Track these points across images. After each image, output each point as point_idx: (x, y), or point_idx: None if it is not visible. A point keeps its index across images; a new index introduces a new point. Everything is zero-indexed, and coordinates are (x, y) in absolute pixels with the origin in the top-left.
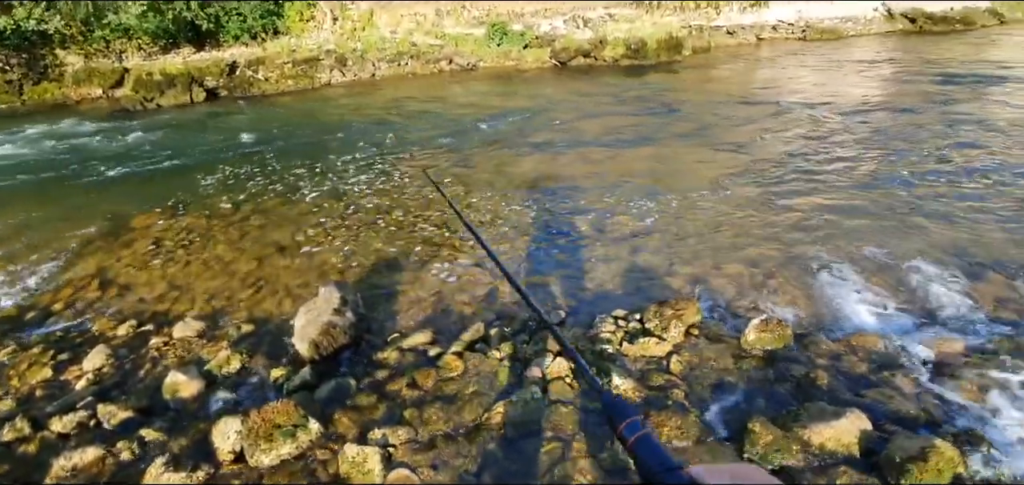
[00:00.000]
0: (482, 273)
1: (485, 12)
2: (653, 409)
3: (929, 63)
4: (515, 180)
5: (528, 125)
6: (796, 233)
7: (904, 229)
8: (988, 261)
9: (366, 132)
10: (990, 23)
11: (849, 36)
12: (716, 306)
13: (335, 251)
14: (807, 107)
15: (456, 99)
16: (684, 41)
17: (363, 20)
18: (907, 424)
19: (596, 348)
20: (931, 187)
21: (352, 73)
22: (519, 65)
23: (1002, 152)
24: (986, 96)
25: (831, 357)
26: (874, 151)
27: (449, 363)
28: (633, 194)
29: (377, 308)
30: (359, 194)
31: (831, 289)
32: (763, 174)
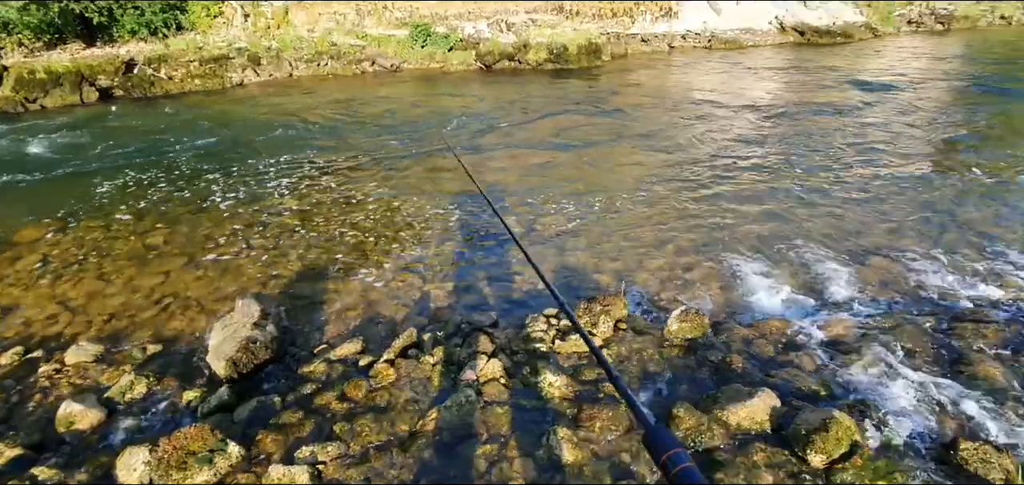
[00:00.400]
0: (414, 277)
1: (407, 13)
2: (586, 402)
3: (816, 70)
4: (444, 183)
5: (456, 128)
6: (710, 228)
7: (801, 221)
8: (870, 247)
9: (285, 135)
10: (866, 36)
11: (748, 46)
12: (641, 300)
13: (253, 261)
14: (716, 110)
15: (381, 101)
16: (603, 47)
17: (278, 18)
18: (810, 399)
19: (529, 347)
20: (821, 182)
21: (267, 73)
22: (444, 67)
23: (878, 149)
24: (863, 99)
25: (744, 341)
26: (774, 150)
27: (381, 372)
28: (561, 195)
29: (302, 319)
30: (278, 200)
31: (741, 279)
32: (680, 173)
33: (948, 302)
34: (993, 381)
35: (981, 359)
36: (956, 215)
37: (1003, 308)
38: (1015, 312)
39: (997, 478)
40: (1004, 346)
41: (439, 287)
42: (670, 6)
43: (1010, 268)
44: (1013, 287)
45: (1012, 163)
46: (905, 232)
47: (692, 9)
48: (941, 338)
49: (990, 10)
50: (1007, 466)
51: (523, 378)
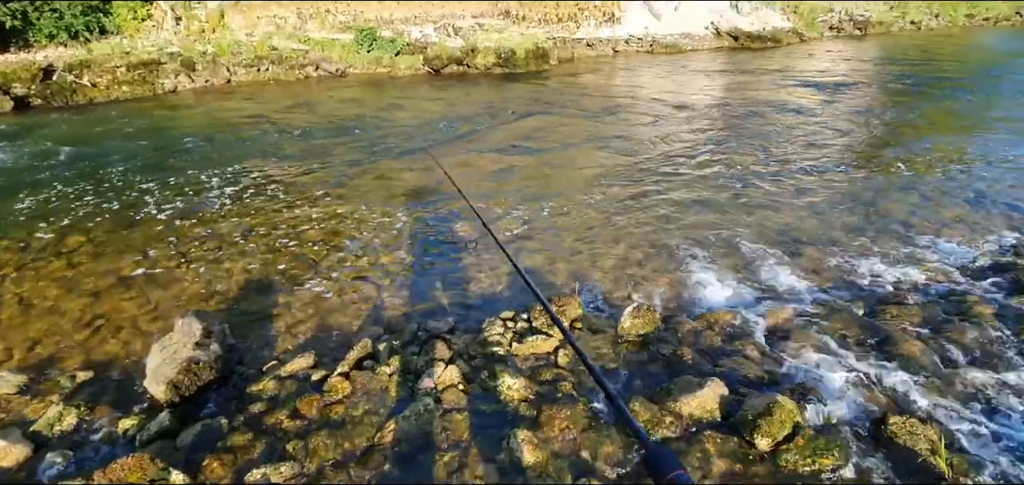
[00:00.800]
0: (367, 285)
1: (351, 17)
2: (545, 403)
3: (751, 73)
4: (395, 189)
5: (404, 133)
6: (659, 226)
7: (741, 216)
8: (804, 239)
9: (224, 143)
10: (793, 40)
11: (687, 50)
12: (595, 299)
13: (193, 277)
14: (660, 112)
15: (326, 107)
16: (550, 52)
17: (213, 21)
18: (756, 385)
19: (487, 351)
20: (759, 179)
21: (203, 79)
22: (392, 72)
23: (809, 146)
24: (794, 99)
25: (693, 334)
26: (715, 150)
27: (335, 386)
28: (513, 198)
29: (249, 336)
30: (219, 211)
31: (690, 274)
32: (629, 174)
33: (874, 287)
34: (915, 358)
35: (904, 338)
36: (878, 206)
37: (921, 290)
38: (931, 293)
39: (923, 448)
40: (923, 325)
41: (394, 295)
42: (613, 12)
43: (926, 253)
44: (929, 270)
45: (925, 156)
46: (834, 223)
47: (634, 15)
48: (869, 321)
49: (901, 16)
50: (931, 437)
51: (482, 383)
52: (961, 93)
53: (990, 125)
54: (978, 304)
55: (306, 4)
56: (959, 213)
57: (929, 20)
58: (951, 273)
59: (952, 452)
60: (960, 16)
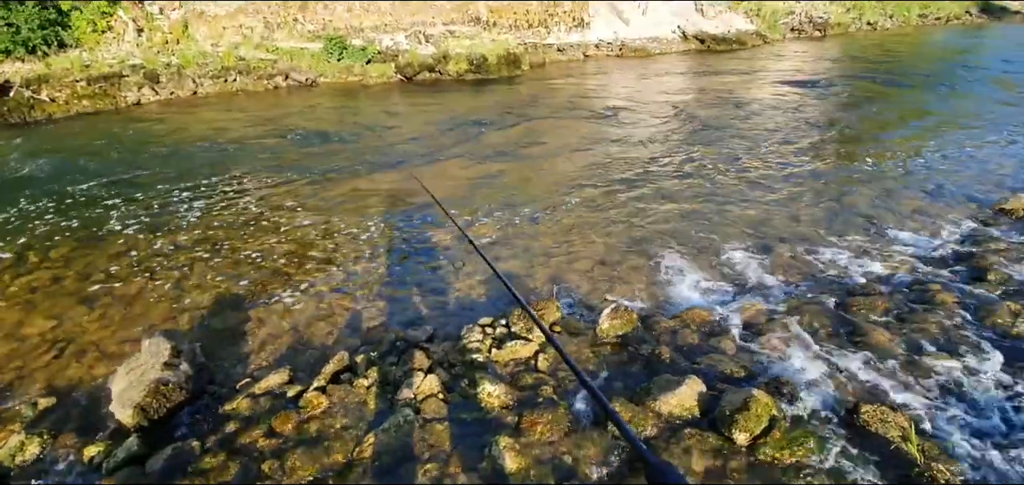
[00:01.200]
0: (343, 297)
1: (320, 26)
2: (526, 408)
3: (718, 74)
4: (369, 199)
5: (377, 142)
6: (634, 227)
7: (714, 215)
8: (775, 235)
9: (191, 156)
10: (757, 42)
11: (656, 54)
12: (573, 302)
13: (161, 296)
14: (631, 115)
15: (296, 117)
16: (522, 57)
17: (176, 32)
18: (732, 381)
19: (466, 359)
20: (730, 177)
21: (168, 91)
22: (363, 80)
23: (776, 143)
24: (761, 99)
25: (671, 333)
26: (686, 150)
27: (311, 401)
28: (490, 204)
29: (221, 354)
30: (187, 227)
31: (665, 273)
32: (603, 176)
33: (843, 279)
34: (884, 347)
35: (873, 329)
36: (844, 200)
37: (887, 281)
38: (896, 283)
39: (895, 435)
40: (890, 315)
41: (371, 305)
42: (582, 17)
43: (891, 245)
44: (894, 261)
45: (886, 151)
46: (803, 218)
47: (603, 20)
48: (839, 313)
49: (858, 17)
50: (902, 423)
51: (462, 391)
52: (917, 89)
53: (944, 118)
54: (941, 292)
55: (273, 14)
56: (920, 204)
57: (884, 21)
58: (914, 263)
59: (923, 437)
60: (913, 16)
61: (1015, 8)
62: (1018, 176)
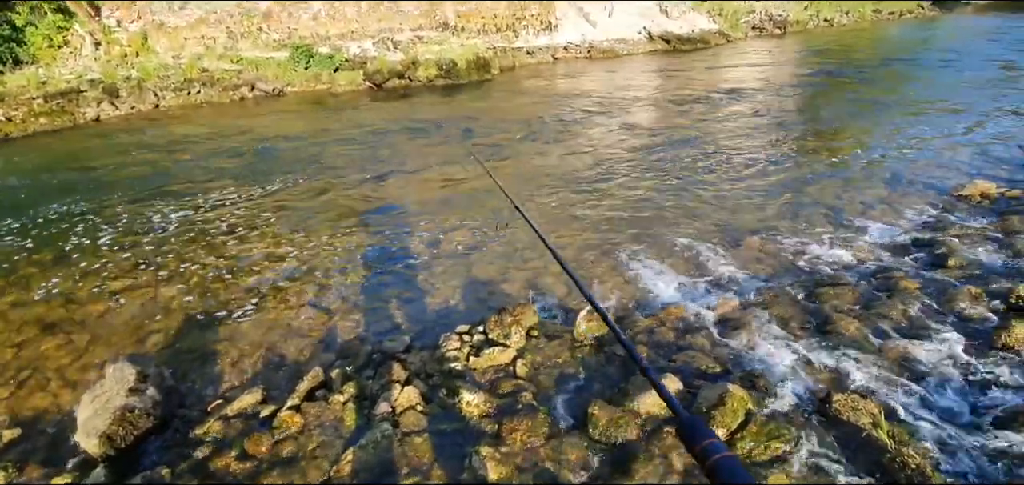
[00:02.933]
0: (316, 311)
1: (285, 35)
2: (506, 416)
3: (684, 73)
4: (341, 210)
5: (348, 151)
6: (608, 227)
7: (685, 212)
8: (744, 229)
9: (154, 172)
10: (721, 41)
11: (623, 55)
12: (550, 305)
13: (127, 318)
14: (602, 116)
15: (263, 128)
16: (492, 61)
17: (135, 45)
18: (708, 377)
19: (444, 368)
20: (699, 174)
21: (128, 105)
22: (332, 89)
23: (742, 140)
24: (726, 96)
25: (647, 331)
26: (656, 149)
27: (285, 420)
28: (463, 209)
29: (190, 376)
30: (152, 246)
31: (641, 273)
32: (576, 178)
33: (811, 270)
34: (852, 336)
35: (841, 318)
36: (809, 193)
37: (853, 270)
38: (862, 272)
39: (866, 422)
40: (857, 303)
41: (346, 318)
42: (550, 20)
43: (855, 234)
44: (859, 251)
45: (848, 143)
46: (770, 213)
47: (570, 22)
48: (809, 303)
49: (816, 14)
50: (872, 410)
51: (441, 401)
52: (874, 82)
53: (902, 109)
54: (904, 279)
55: (237, 23)
56: (882, 194)
57: (841, 17)
58: (879, 252)
59: (892, 423)
60: (868, 12)
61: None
62: (973, 163)
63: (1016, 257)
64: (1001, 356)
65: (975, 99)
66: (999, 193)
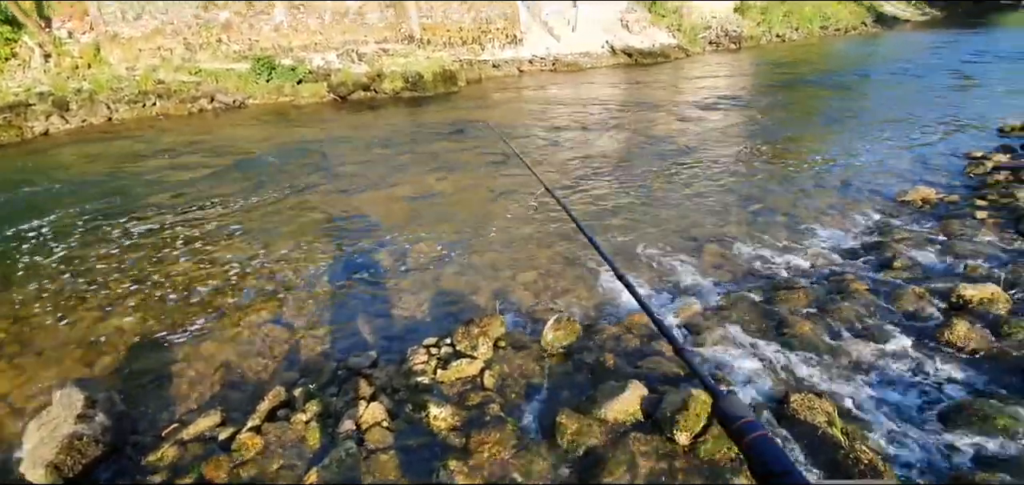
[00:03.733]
0: (278, 328)
1: (246, 46)
2: (474, 428)
3: (646, 86)
4: (304, 224)
5: (313, 163)
6: (574, 237)
7: (648, 221)
8: (705, 237)
9: (104, 187)
10: (680, 55)
11: (587, 68)
12: (518, 315)
13: (75, 341)
14: (567, 128)
15: (223, 141)
16: (458, 74)
17: (87, 56)
18: (673, 382)
19: (411, 382)
20: (661, 184)
21: (79, 119)
22: (295, 101)
23: (703, 150)
24: (685, 108)
25: (613, 339)
26: (620, 160)
27: (244, 443)
28: (431, 222)
29: (144, 399)
30: (103, 264)
31: (606, 282)
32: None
33: (768, 275)
34: (808, 337)
35: (797, 320)
36: (765, 201)
37: (807, 274)
38: (816, 276)
39: (821, 421)
40: (812, 306)
41: (309, 335)
42: (515, 33)
43: (809, 239)
44: (813, 255)
45: (800, 152)
46: (730, 220)
47: (535, 36)
48: (767, 307)
49: (768, 29)
50: (827, 409)
51: (407, 416)
52: (824, 94)
53: (848, 120)
54: (854, 281)
55: (195, 34)
56: (832, 201)
57: (791, 33)
58: (830, 256)
59: (846, 420)
60: (816, 28)
61: (905, 17)
62: (914, 169)
63: (956, 258)
64: (945, 353)
65: (915, 109)
66: (939, 198)
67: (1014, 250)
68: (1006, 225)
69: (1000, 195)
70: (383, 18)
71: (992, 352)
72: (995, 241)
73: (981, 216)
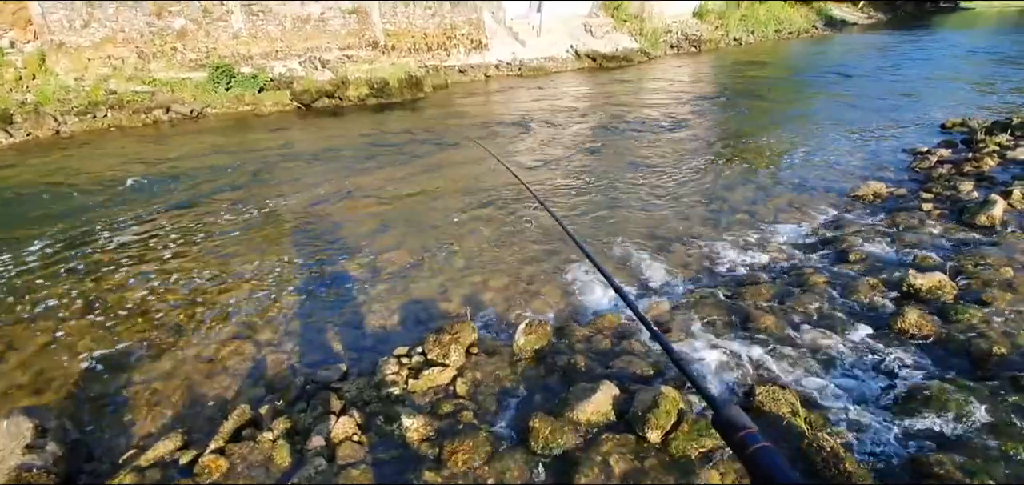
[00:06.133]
0: (243, 343)
1: (203, 54)
2: (446, 438)
3: (610, 89)
4: (271, 234)
5: (276, 172)
6: (542, 240)
7: (616, 222)
8: (671, 236)
9: (51, 205)
10: (642, 59)
11: (552, 72)
12: (489, 321)
13: (23, 367)
14: (533, 132)
15: (178, 153)
16: (424, 79)
17: (31, 66)
18: (643, 380)
19: (382, 394)
20: (627, 186)
21: (24, 133)
22: (256, 110)
23: (665, 151)
24: (648, 110)
25: (585, 340)
26: (585, 163)
27: (208, 466)
28: (399, 229)
29: (99, 424)
30: (49, 284)
31: (577, 283)
32: (508, 193)
33: (732, 271)
34: (771, 330)
35: (760, 314)
36: (727, 199)
37: (768, 269)
38: (777, 270)
39: (785, 411)
40: (773, 299)
41: (274, 349)
42: (480, 39)
43: (769, 236)
44: (772, 250)
45: (757, 152)
46: (694, 219)
47: (500, 41)
48: (731, 303)
49: (726, 33)
50: (791, 400)
51: (378, 429)
52: (778, 95)
53: (801, 120)
54: (813, 275)
55: (148, 43)
56: (790, 198)
57: (747, 36)
58: (790, 251)
59: (808, 409)
60: (771, 32)
61: (853, 20)
62: (865, 166)
63: (905, 249)
64: (898, 340)
65: (864, 108)
66: (889, 192)
67: (957, 239)
68: (950, 216)
69: (944, 188)
70: (346, 24)
71: (941, 337)
72: (941, 231)
73: (927, 208)
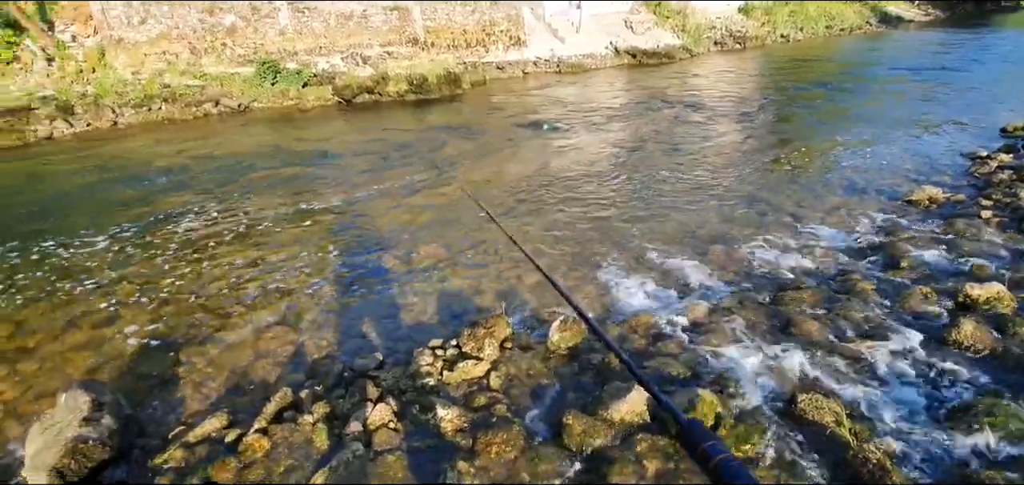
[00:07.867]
0: (285, 330)
1: (251, 50)
2: (480, 430)
3: (650, 87)
4: (310, 229)
5: (319, 166)
6: (580, 238)
7: (654, 223)
8: (710, 238)
9: (112, 192)
10: (684, 56)
11: (591, 69)
12: (523, 316)
13: (81, 345)
14: (572, 130)
15: (227, 145)
16: (462, 76)
17: (92, 60)
18: (679, 382)
19: (418, 384)
20: (667, 184)
21: (84, 123)
22: (300, 104)
23: (706, 150)
24: (690, 108)
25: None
26: (624, 161)
27: (251, 444)
28: (436, 224)
29: (150, 402)
30: (109, 268)
31: (613, 281)
32: (545, 189)
33: (774, 275)
34: (815, 337)
35: (803, 320)
36: (771, 201)
37: (813, 274)
38: (822, 276)
39: (830, 421)
40: (817, 306)
41: (316, 337)
42: (519, 36)
43: (813, 240)
44: (817, 255)
45: (805, 152)
46: (736, 220)
47: (539, 38)
48: (772, 307)
49: (773, 30)
50: (835, 409)
51: (414, 418)
52: (829, 94)
53: (853, 120)
54: (861, 281)
55: (200, 39)
56: (838, 201)
57: (796, 33)
58: (837, 255)
59: (854, 420)
60: (821, 28)
61: (909, 17)
62: (920, 169)
63: (962, 258)
64: (952, 352)
65: (920, 109)
66: (945, 198)
67: (1018, 249)
68: (1010, 225)
69: (1004, 194)
70: (387, 21)
71: (998, 351)
72: (1000, 240)
73: (986, 215)
